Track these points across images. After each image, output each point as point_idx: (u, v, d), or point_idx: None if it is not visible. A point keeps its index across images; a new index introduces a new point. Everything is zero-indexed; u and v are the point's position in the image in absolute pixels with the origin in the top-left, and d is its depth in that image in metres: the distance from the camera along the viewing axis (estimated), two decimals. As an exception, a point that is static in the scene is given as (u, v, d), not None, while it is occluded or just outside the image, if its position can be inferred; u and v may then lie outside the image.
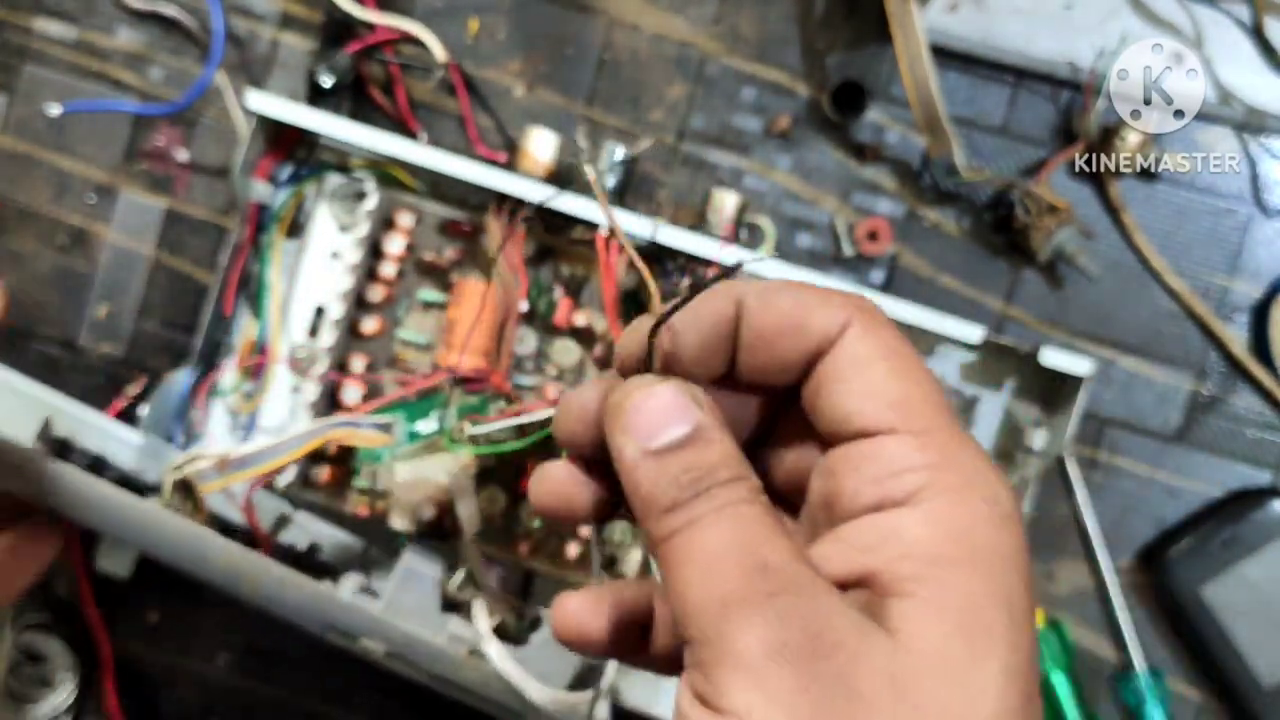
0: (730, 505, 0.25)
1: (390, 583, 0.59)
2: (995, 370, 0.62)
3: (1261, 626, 0.62)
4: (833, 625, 0.23)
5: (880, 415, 0.26)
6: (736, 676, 0.23)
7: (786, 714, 0.22)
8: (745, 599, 0.23)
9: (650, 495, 0.25)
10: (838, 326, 0.27)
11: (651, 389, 0.26)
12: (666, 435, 0.25)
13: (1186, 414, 0.64)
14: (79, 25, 0.66)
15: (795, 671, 0.22)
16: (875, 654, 0.23)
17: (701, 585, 0.24)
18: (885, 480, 0.25)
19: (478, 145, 0.65)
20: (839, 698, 0.22)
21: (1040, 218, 0.61)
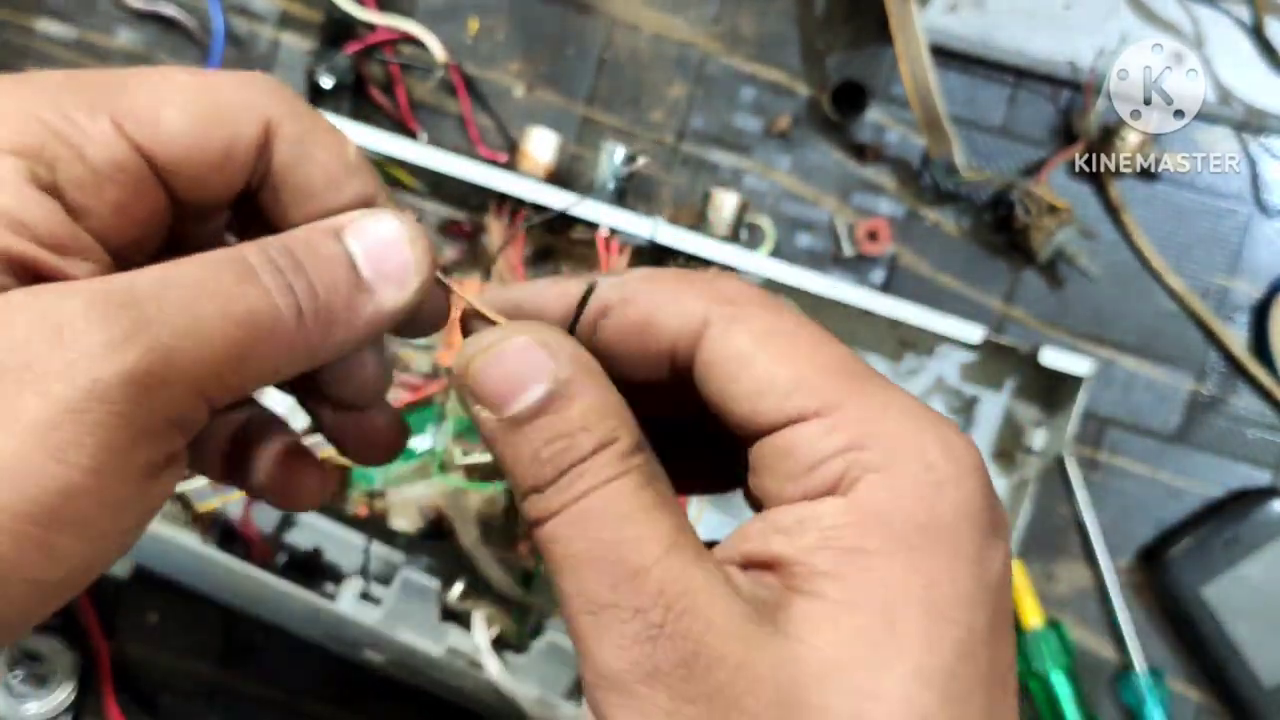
0: (597, 488, 0.22)
1: (390, 592, 0.58)
2: (995, 370, 0.62)
3: (1262, 626, 0.62)
4: (711, 640, 0.21)
5: (782, 406, 0.23)
6: (611, 697, 0.22)
7: None
8: (612, 616, 0.22)
9: (514, 473, 0.23)
10: (694, 324, 0.24)
11: (497, 346, 0.23)
12: (521, 400, 0.23)
13: (1186, 414, 0.64)
14: (79, 25, 0.66)
15: (670, 694, 0.21)
16: (762, 664, 0.21)
17: (574, 592, 0.22)
18: (802, 477, 0.23)
19: (478, 145, 0.65)
20: (719, 716, 0.21)
21: (1040, 218, 0.61)
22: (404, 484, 0.59)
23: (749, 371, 0.23)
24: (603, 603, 0.22)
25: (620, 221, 0.56)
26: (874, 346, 0.62)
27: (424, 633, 0.57)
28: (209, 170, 0.24)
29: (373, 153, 0.59)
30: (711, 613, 0.22)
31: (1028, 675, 0.64)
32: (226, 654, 0.66)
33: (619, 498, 0.22)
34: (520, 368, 0.23)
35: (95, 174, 0.23)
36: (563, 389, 0.23)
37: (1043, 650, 0.63)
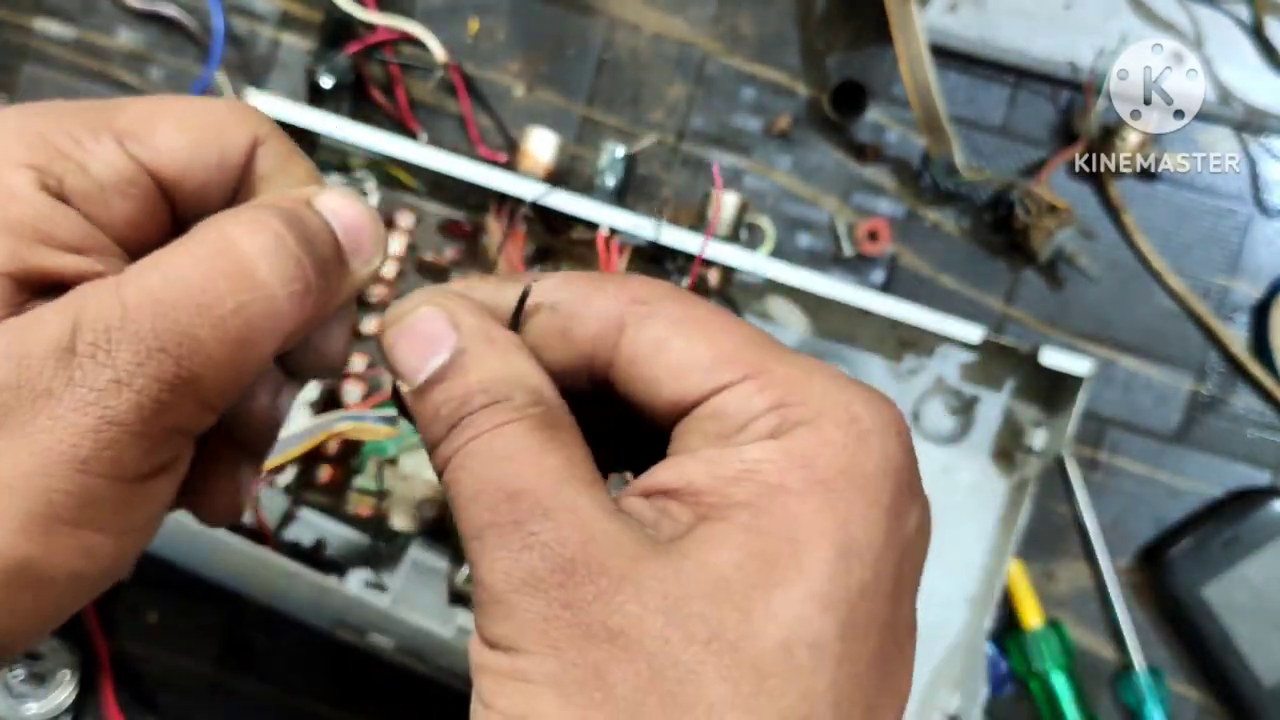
0: (486, 433, 0.23)
1: (398, 577, 0.59)
2: (995, 370, 0.62)
3: (1261, 626, 0.62)
4: (592, 550, 0.21)
5: (707, 379, 0.24)
6: (494, 611, 0.22)
7: (541, 638, 0.21)
8: (492, 531, 0.22)
9: (422, 436, 0.25)
10: (610, 328, 0.25)
11: (402, 320, 0.25)
12: (426, 368, 0.24)
13: (1186, 414, 0.64)
14: (79, 25, 0.66)
15: (545, 600, 0.21)
16: (648, 577, 0.21)
17: (464, 524, 0.23)
18: (735, 435, 0.23)
19: (478, 145, 0.65)
20: (599, 622, 0.21)
21: (1040, 218, 0.61)
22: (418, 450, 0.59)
23: (668, 355, 0.24)
24: (483, 524, 0.22)
25: (620, 221, 0.56)
26: (874, 346, 0.62)
27: (433, 614, 0.57)
28: (203, 182, 0.26)
29: (373, 153, 0.59)
30: (594, 528, 0.22)
31: (1028, 675, 0.64)
32: (226, 653, 0.66)
33: (506, 439, 0.23)
34: (426, 338, 0.24)
35: (103, 189, 0.24)
36: (460, 357, 0.24)
37: (1043, 650, 0.63)
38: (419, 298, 0.25)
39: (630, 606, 0.21)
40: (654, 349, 0.24)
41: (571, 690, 0.21)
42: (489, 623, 0.22)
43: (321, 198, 0.26)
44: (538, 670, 0.21)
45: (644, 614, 0.21)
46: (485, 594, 0.22)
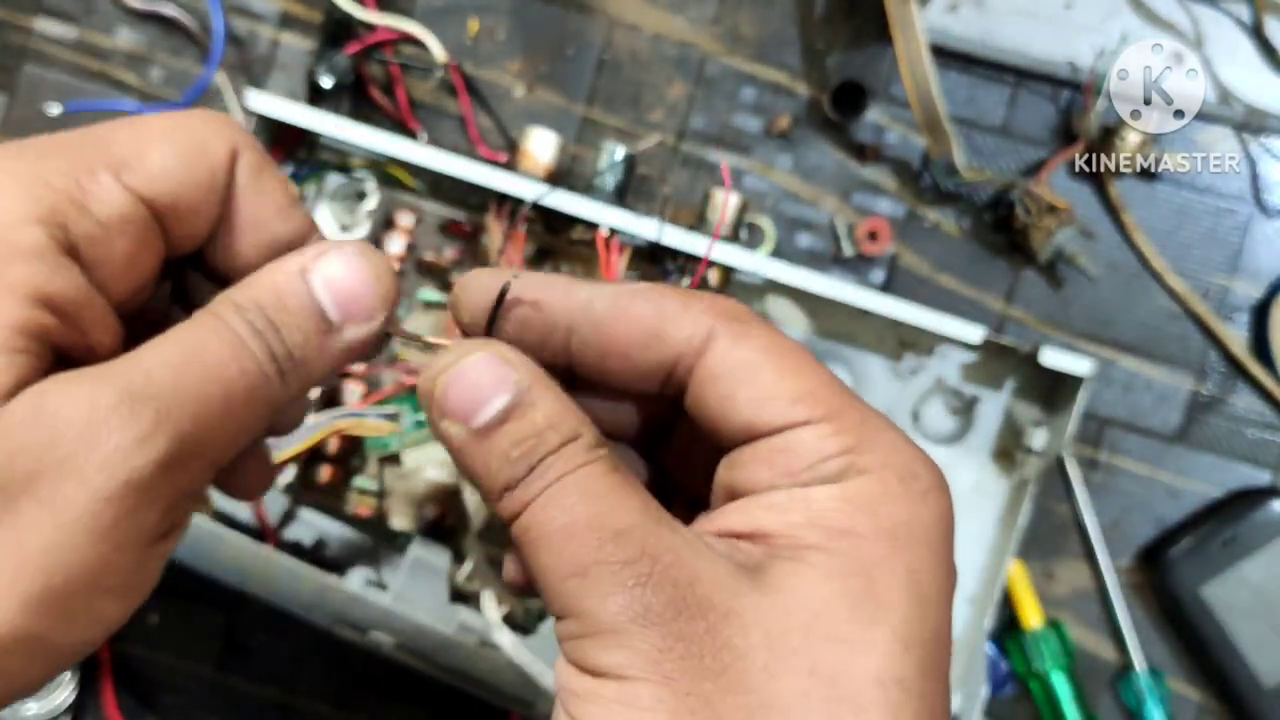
0: (569, 473, 0.24)
1: (399, 575, 0.59)
2: (996, 370, 0.62)
3: (1261, 626, 0.62)
4: (698, 586, 0.23)
5: (786, 412, 0.25)
6: (605, 641, 0.23)
7: (656, 669, 0.22)
8: (600, 570, 0.23)
9: (485, 478, 0.25)
10: (701, 336, 0.25)
11: (459, 365, 0.25)
12: (487, 411, 0.24)
13: (1186, 414, 0.64)
14: (79, 25, 0.66)
15: (661, 632, 0.22)
16: (749, 610, 0.22)
17: (557, 562, 0.23)
18: (802, 472, 0.24)
19: (478, 145, 0.65)
20: (708, 653, 0.22)
21: (1040, 218, 0.61)
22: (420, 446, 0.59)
23: (757, 378, 0.25)
24: (589, 562, 0.23)
25: (621, 221, 0.56)
26: (874, 346, 0.62)
27: (434, 612, 0.58)
28: (199, 201, 0.26)
29: (373, 153, 0.59)
30: (696, 565, 0.23)
31: (1028, 675, 0.64)
32: (226, 654, 0.66)
33: (591, 479, 0.24)
34: (482, 381, 0.25)
35: (105, 229, 0.24)
36: (524, 397, 0.24)
37: (1043, 650, 0.63)
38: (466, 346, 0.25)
39: (737, 640, 0.22)
40: (741, 369, 0.25)
41: (684, 717, 0.22)
42: (597, 652, 0.23)
43: (318, 268, 0.25)
44: (651, 698, 0.22)
45: (749, 647, 0.22)
46: (593, 625, 0.23)
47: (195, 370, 0.23)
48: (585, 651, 0.23)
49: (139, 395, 0.22)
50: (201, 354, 0.24)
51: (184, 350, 0.24)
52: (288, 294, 0.25)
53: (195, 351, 0.24)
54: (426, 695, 0.63)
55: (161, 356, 0.23)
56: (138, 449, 0.22)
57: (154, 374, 0.23)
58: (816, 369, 0.25)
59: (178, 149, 0.25)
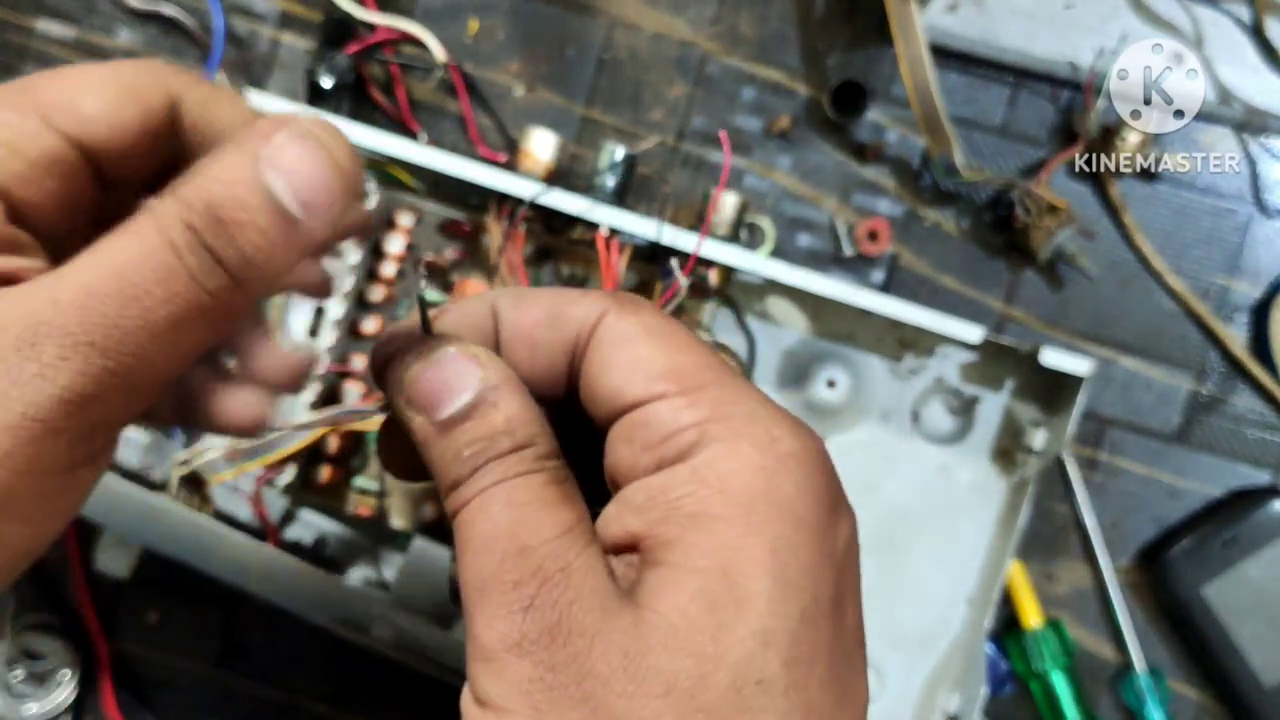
0: (507, 480, 0.24)
1: (399, 573, 0.59)
2: (995, 370, 0.62)
3: (1262, 626, 0.62)
4: (575, 611, 0.22)
5: (648, 385, 0.24)
6: (483, 669, 0.23)
7: (526, 701, 0.22)
8: (492, 589, 0.23)
9: (438, 472, 0.24)
10: (595, 314, 0.26)
11: (430, 357, 0.25)
12: (451, 405, 0.24)
13: (1186, 414, 0.64)
14: (79, 26, 0.66)
15: (532, 662, 0.22)
16: (614, 633, 0.22)
17: (469, 570, 0.23)
18: (658, 444, 0.24)
19: (478, 145, 0.65)
20: (573, 682, 0.22)
21: (1040, 218, 0.61)
22: None
23: (631, 350, 0.25)
24: (486, 577, 0.23)
25: (621, 221, 0.56)
26: (874, 347, 0.62)
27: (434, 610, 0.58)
28: (131, 144, 0.25)
29: (373, 153, 0.59)
30: (582, 588, 0.22)
31: (1028, 675, 0.64)
32: (226, 654, 0.66)
33: (523, 489, 0.24)
34: (451, 375, 0.24)
35: (34, 167, 0.24)
36: (488, 395, 0.24)
37: (1043, 650, 0.63)
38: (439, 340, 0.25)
39: (599, 666, 0.22)
40: (619, 343, 0.25)
41: None
42: (481, 679, 0.23)
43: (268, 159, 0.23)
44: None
45: (610, 673, 0.22)
46: (478, 650, 0.23)
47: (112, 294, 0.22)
48: (471, 675, 0.23)
49: (41, 327, 0.21)
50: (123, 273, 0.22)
51: (104, 270, 0.22)
52: (241, 187, 0.23)
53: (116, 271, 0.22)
54: (425, 694, 0.63)
55: (80, 277, 0.22)
56: (35, 383, 0.21)
57: (62, 302, 0.22)
58: (694, 347, 0.25)
59: (108, 94, 0.25)
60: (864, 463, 0.63)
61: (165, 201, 0.23)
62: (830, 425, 0.63)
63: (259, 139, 0.23)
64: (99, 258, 0.22)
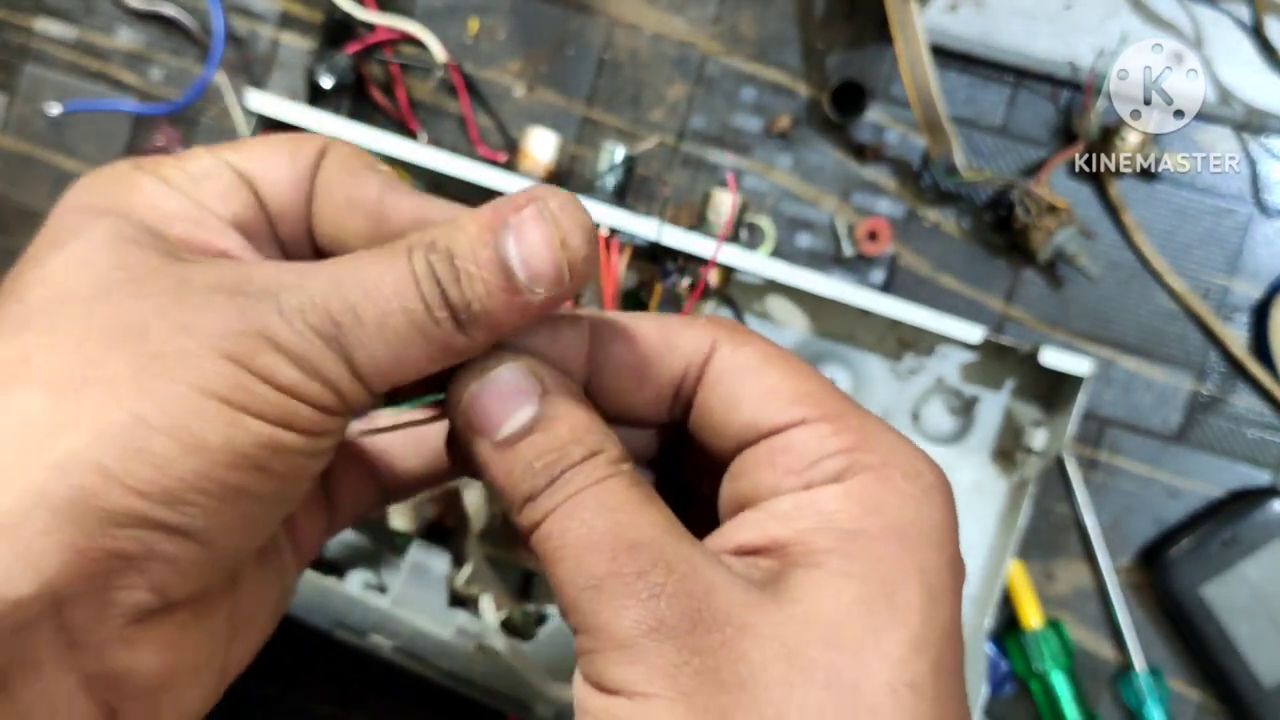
0: (590, 487, 0.24)
1: (398, 578, 0.59)
2: (995, 370, 0.62)
3: (1261, 626, 0.62)
4: (715, 599, 0.23)
5: (787, 411, 0.25)
6: (616, 656, 0.23)
7: (671, 685, 0.22)
8: (615, 582, 0.23)
9: (507, 489, 0.25)
10: (706, 345, 0.26)
11: (486, 376, 0.25)
12: (511, 424, 0.25)
13: (1186, 414, 0.64)
14: (79, 25, 0.66)
15: (676, 645, 0.22)
16: (765, 623, 0.22)
17: (574, 574, 0.23)
18: (805, 470, 0.25)
19: (478, 145, 0.65)
20: (725, 666, 0.22)
21: (1040, 218, 0.61)
22: None
23: (757, 380, 0.26)
24: (603, 574, 0.23)
25: (621, 221, 0.56)
26: (874, 346, 0.62)
27: (432, 616, 0.58)
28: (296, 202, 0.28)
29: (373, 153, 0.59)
30: (712, 578, 0.23)
31: (1028, 675, 0.64)
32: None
33: (611, 493, 0.24)
34: (509, 391, 0.25)
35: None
36: (550, 410, 0.25)
37: (1043, 650, 0.63)
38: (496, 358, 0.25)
39: (753, 654, 0.22)
40: (743, 373, 0.26)
41: None
42: (611, 668, 0.23)
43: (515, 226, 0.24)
44: (667, 715, 0.22)
45: (766, 661, 0.22)
46: (607, 640, 0.23)
47: (355, 285, 0.23)
48: (600, 667, 0.23)
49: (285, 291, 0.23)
50: (367, 272, 0.24)
51: (352, 265, 0.24)
52: (478, 245, 0.24)
53: (360, 268, 0.24)
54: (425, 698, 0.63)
55: (331, 268, 0.24)
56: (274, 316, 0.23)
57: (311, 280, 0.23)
58: (814, 374, 0.26)
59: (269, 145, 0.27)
60: (864, 463, 0.63)
61: (414, 237, 0.24)
62: (830, 425, 0.63)
63: (511, 208, 0.24)
64: (347, 260, 0.24)
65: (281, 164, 0.27)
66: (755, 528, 0.25)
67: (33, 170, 0.67)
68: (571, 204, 0.25)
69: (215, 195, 0.26)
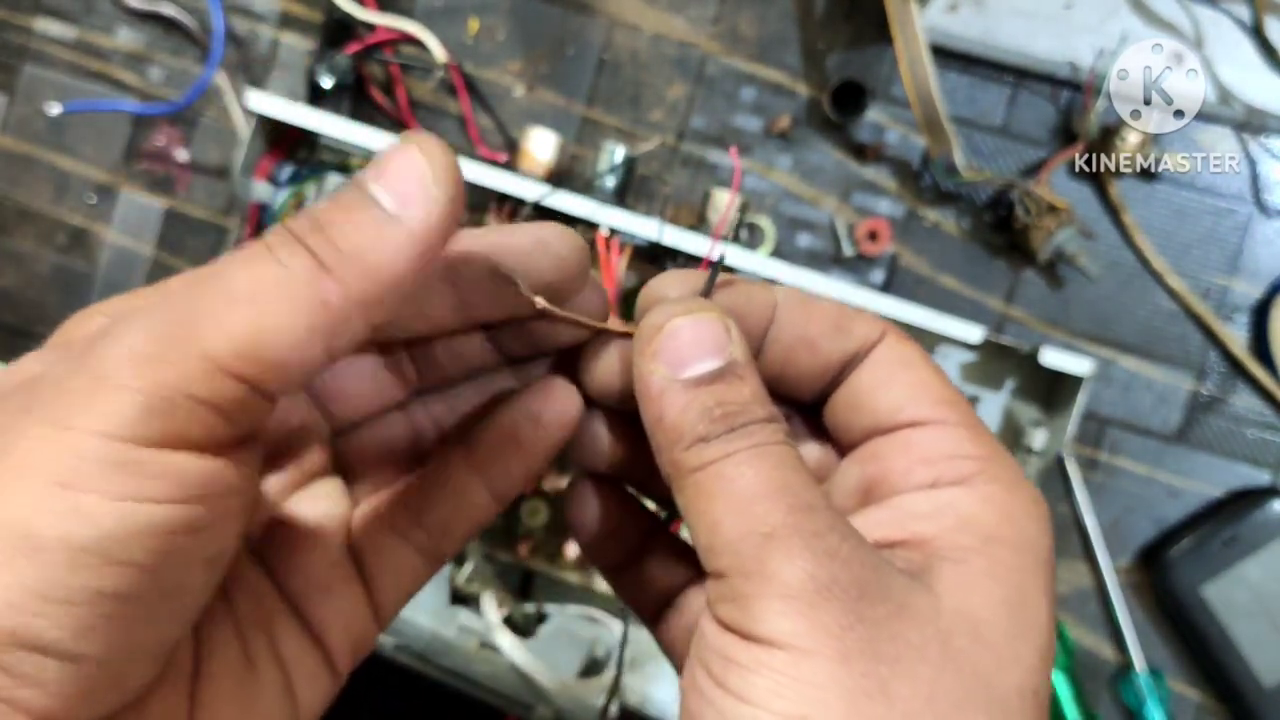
0: (767, 444, 0.24)
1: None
2: (996, 370, 0.62)
3: (1261, 626, 0.62)
4: (882, 575, 0.23)
5: (933, 407, 0.27)
6: (780, 606, 0.23)
7: (835, 645, 0.22)
8: (791, 534, 0.23)
9: (678, 424, 0.25)
10: (878, 332, 0.28)
11: (689, 315, 0.26)
12: (699, 366, 0.25)
13: (1186, 414, 0.64)
14: (79, 25, 0.66)
15: (844, 608, 0.22)
16: (923, 609, 0.23)
17: (740, 518, 0.24)
18: (940, 462, 0.26)
19: (478, 145, 0.65)
20: (885, 641, 0.23)
21: (1040, 218, 0.61)
22: None
23: (914, 374, 0.27)
24: (778, 523, 0.23)
25: (621, 221, 0.56)
26: (874, 346, 0.62)
27: (435, 615, 0.58)
28: None
29: (373, 153, 0.59)
30: (879, 557, 0.24)
31: (1028, 675, 0.64)
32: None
33: (787, 456, 0.25)
34: (704, 338, 0.25)
35: None
36: (737, 368, 0.25)
37: (1043, 650, 0.63)
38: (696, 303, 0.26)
39: (912, 634, 0.23)
40: (902, 367, 0.28)
41: (860, 700, 0.22)
42: (772, 617, 0.23)
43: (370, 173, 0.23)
44: (826, 674, 0.22)
45: (924, 642, 0.23)
46: (774, 587, 0.23)
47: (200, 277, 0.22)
48: (752, 614, 0.23)
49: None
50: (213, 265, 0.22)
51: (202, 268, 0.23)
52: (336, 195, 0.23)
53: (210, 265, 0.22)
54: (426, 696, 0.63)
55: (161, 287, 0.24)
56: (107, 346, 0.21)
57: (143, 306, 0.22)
58: (953, 386, 0.28)
59: None
60: (864, 463, 0.63)
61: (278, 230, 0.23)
62: (830, 425, 0.63)
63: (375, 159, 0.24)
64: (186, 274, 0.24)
65: None
66: (894, 524, 0.26)
67: (32, 170, 0.67)
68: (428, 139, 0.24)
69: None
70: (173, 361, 0.20)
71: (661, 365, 0.25)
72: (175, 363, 0.20)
